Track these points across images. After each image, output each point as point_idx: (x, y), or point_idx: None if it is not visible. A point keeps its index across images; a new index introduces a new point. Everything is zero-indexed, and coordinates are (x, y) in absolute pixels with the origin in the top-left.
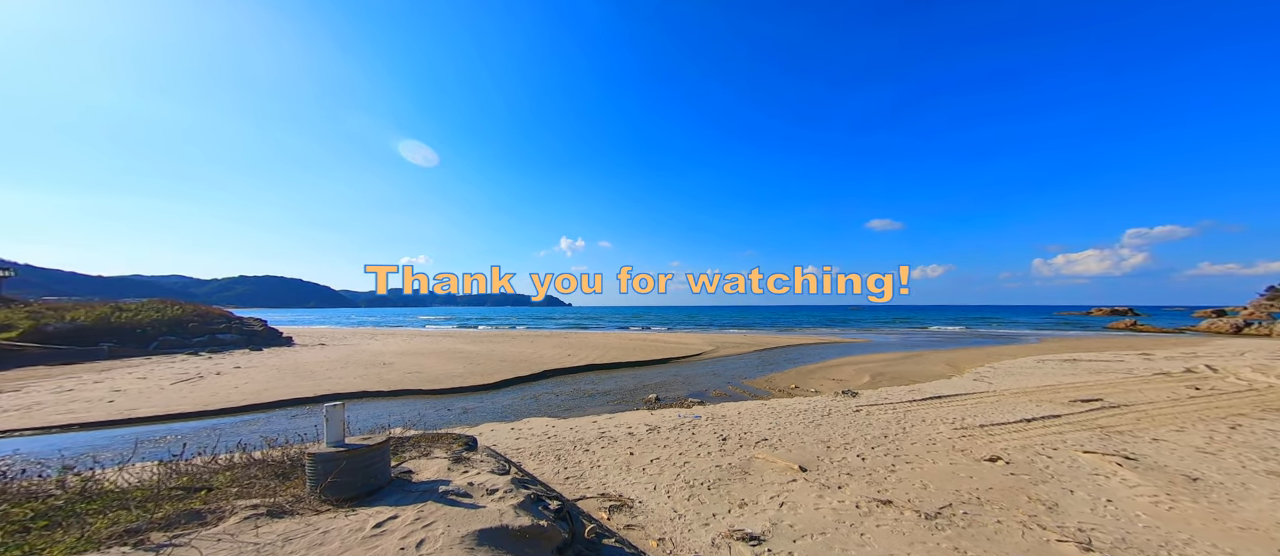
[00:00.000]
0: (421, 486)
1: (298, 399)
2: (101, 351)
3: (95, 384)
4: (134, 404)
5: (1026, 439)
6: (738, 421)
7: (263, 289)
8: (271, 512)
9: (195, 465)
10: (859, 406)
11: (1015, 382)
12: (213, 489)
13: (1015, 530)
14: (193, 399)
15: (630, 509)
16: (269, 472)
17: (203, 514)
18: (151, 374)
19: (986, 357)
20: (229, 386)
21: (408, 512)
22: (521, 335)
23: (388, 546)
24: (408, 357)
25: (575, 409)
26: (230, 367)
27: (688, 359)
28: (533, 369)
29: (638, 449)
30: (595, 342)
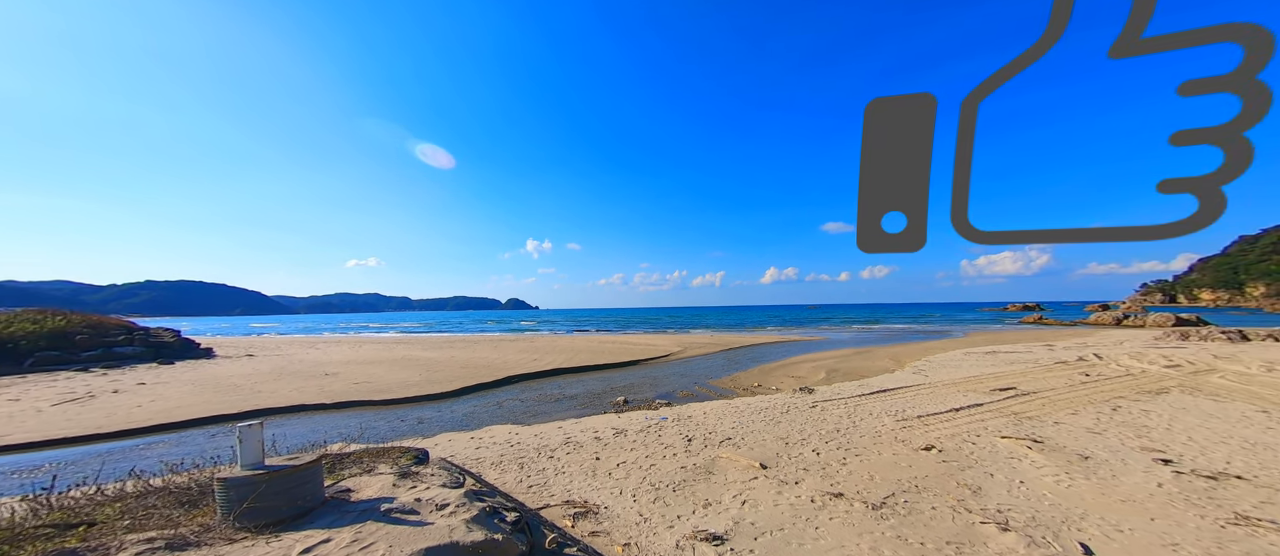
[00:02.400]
0: (360, 506)
1: (218, 416)
2: None
3: None
4: (2, 429)
5: (955, 427)
6: (703, 421)
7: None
8: (171, 546)
9: (72, 498)
10: (815, 402)
11: (947, 374)
12: (95, 524)
13: (947, 515)
14: (81, 422)
15: (595, 515)
16: (171, 502)
17: (80, 552)
18: (25, 394)
19: (924, 352)
20: (129, 405)
21: (343, 535)
22: (486, 339)
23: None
24: (355, 367)
25: (541, 415)
26: (132, 384)
27: (656, 360)
28: (496, 375)
29: (604, 453)
30: (563, 346)
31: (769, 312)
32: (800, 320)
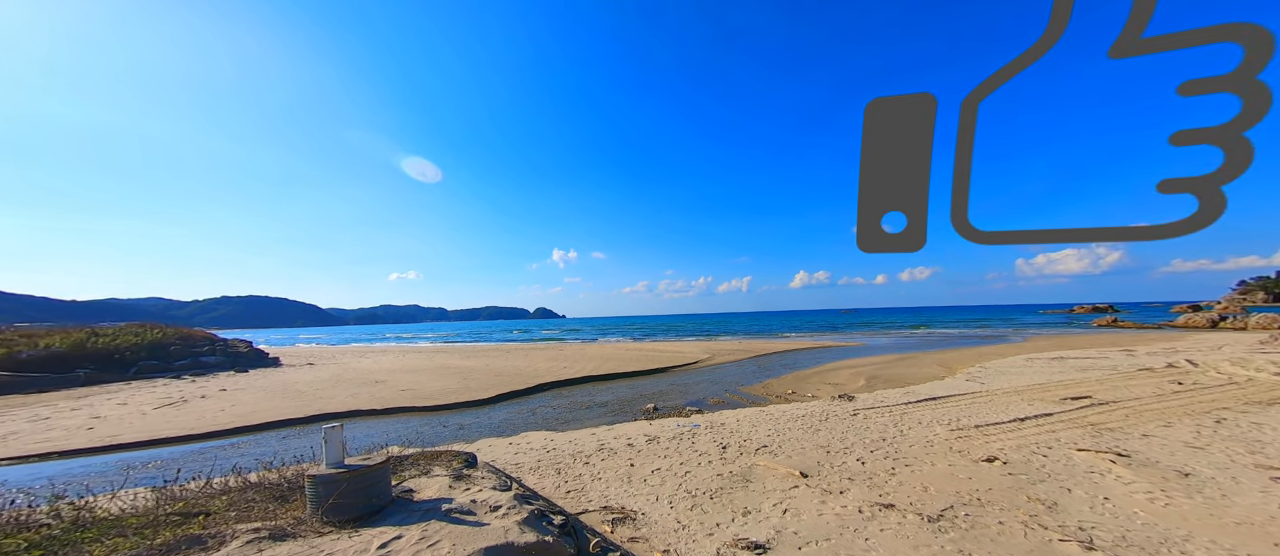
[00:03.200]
0: (424, 505)
1: (288, 420)
2: (77, 378)
3: (72, 411)
4: (116, 430)
5: (1021, 438)
6: (737, 429)
7: (247, 309)
8: (273, 536)
9: (190, 490)
10: (856, 410)
11: (1007, 382)
12: (210, 513)
13: (1017, 530)
14: (178, 423)
15: (633, 521)
16: (267, 496)
17: (203, 539)
18: (132, 399)
19: (978, 358)
20: (216, 409)
21: (412, 532)
22: (515, 348)
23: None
24: (401, 375)
25: (573, 421)
26: (216, 390)
27: (684, 368)
28: (528, 382)
29: (638, 460)
30: (591, 354)
31: (800, 318)
32: (834, 325)
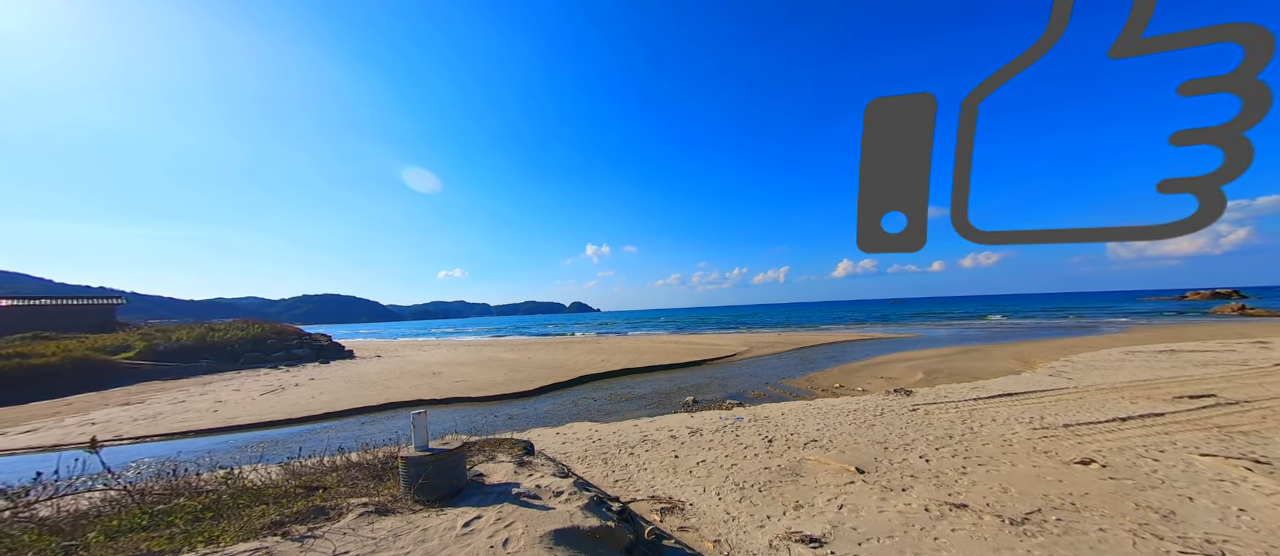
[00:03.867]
0: (495, 488)
1: (365, 407)
2: (201, 367)
3: (201, 395)
4: (234, 413)
5: (1124, 440)
6: (782, 422)
7: (322, 306)
8: (379, 510)
9: (308, 466)
10: (915, 405)
11: (1101, 378)
12: (326, 488)
13: (1124, 540)
14: (279, 408)
15: (682, 511)
16: (366, 474)
17: (327, 510)
18: (243, 386)
19: (1062, 350)
20: (307, 397)
21: (489, 513)
22: (555, 342)
23: (479, 544)
24: (454, 367)
25: (614, 413)
26: (305, 379)
27: (721, 360)
28: (569, 375)
29: (682, 451)
30: (627, 347)
31: (844, 309)
32: (883, 316)
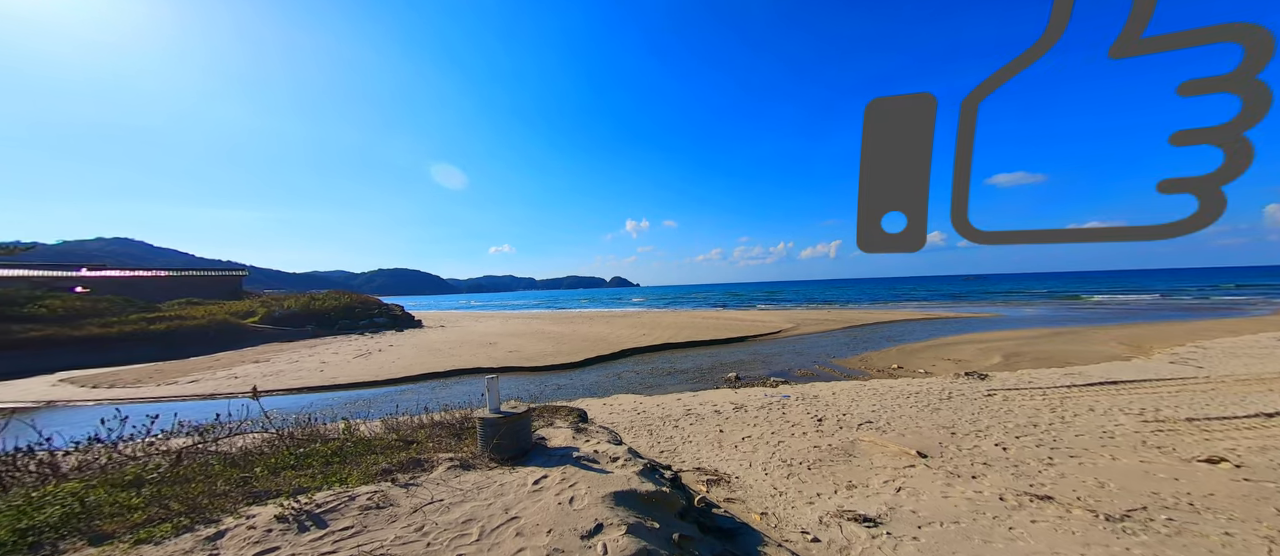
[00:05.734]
0: (557, 451)
1: (435, 372)
2: (307, 331)
3: (309, 356)
4: (335, 373)
5: (1268, 438)
6: (833, 402)
7: (394, 279)
8: (462, 465)
9: (402, 423)
10: (991, 390)
11: (1243, 367)
12: (418, 442)
13: (1257, 546)
14: (369, 370)
15: (728, 483)
16: (448, 432)
17: (422, 462)
18: (340, 350)
19: (1190, 334)
20: (389, 362)
21: (554, 473)
22: (597, 315)
23: (548, 500)
24: (507, 338)
25: (657, 386)
26: (386, 346)
27: (765, 337)
28: (612, 348)
29: (726, 426)
30: (668, 322)
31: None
32: (955, 294)
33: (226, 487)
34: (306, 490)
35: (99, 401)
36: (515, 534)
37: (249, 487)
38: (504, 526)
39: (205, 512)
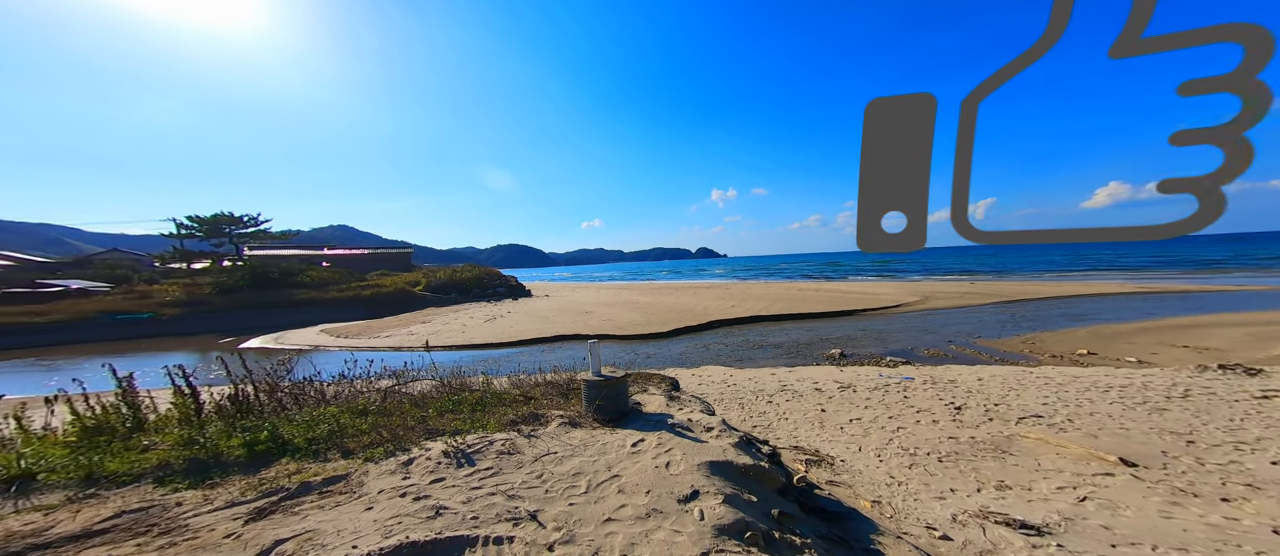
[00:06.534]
0: (652, 417)
1: (543, 337)
2: (452, 299)
3: (455, 319)
4: (472, 335)
5: None
6: (979, 389)
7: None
8: (571, 423)
9: (523, 381)
10: (1267, 391)
11: None
12: (535, 399)
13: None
14: (495, 333)
15: (831, 465)
16: (557, 391)
17: (539, 416)
18: (475, 315)
19: None
20: (509, 326)
21: (651, 438)
22: (683, 287)
23: (645, 463)
24: (600, 307)
25: (747, 360)
26: (506, 313)
27: (878, 311)
28: (700, 319)
29: (830, 406)
30: (758, 294)
31: (1111, 251)
32: (1183, 261)
33: (413, 423)
34: (461, 432)
35: (340, 348)
36: (617, 491)
37: (425, 425)
38: (607, 482)
39: (401, 441)
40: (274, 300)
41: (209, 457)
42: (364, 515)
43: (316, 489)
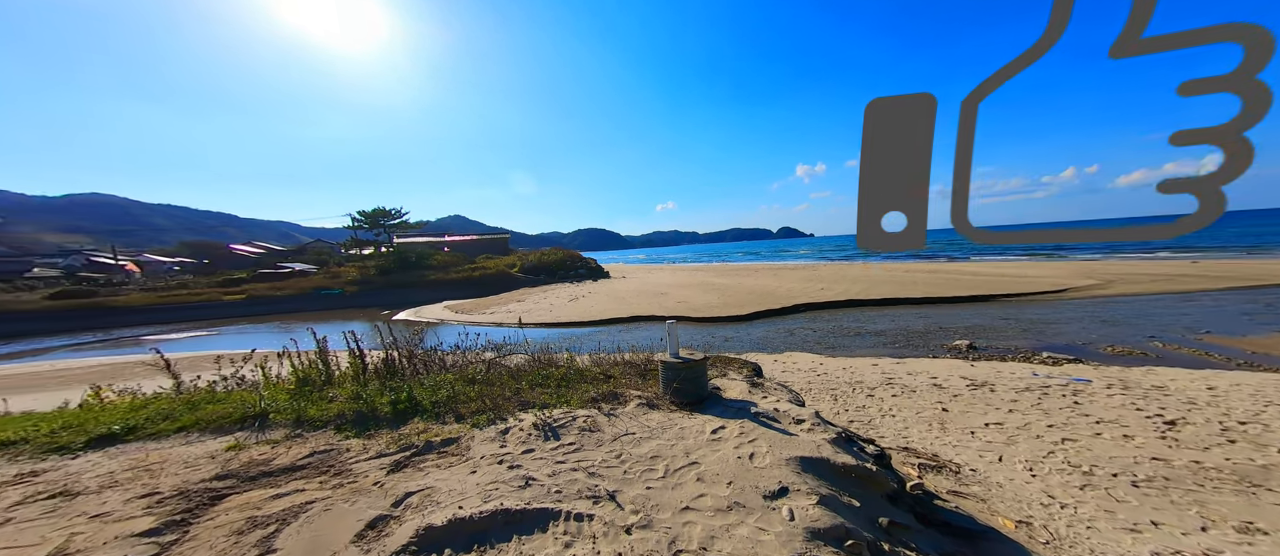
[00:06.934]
0: (733, 403)
1: (620, 317)
2: (541, 279)
3: (543, 299)
4: (557, 314)
5: None
6: (1210, 401)
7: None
8: (649, 404)
9: (603, 359)
10: None
11: None
12: (614, 378)
13: None
14: (577, 313)
15: (955, 473)
16: (635, 371)
17: (618, 395)
18: (560, 295)
19: None
20: (589, 306)
21: (732, 425)
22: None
23: (726, 452)
24: (676, 289)
25: (841, 347)
26: (587, 293)
27: (1030, 297)
28: (782, 303)
29: (954, 406)
30: (854, 275)
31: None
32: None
33: (509, 394)
34: (548, 405)
35: (457, 321)
36: (696, 478)
37: (519, 397)
38: (685, 469)
39: (499, 411)
40: (413, 280)
41: (368, 411)
42: (469, 478)
43: (436, 449)
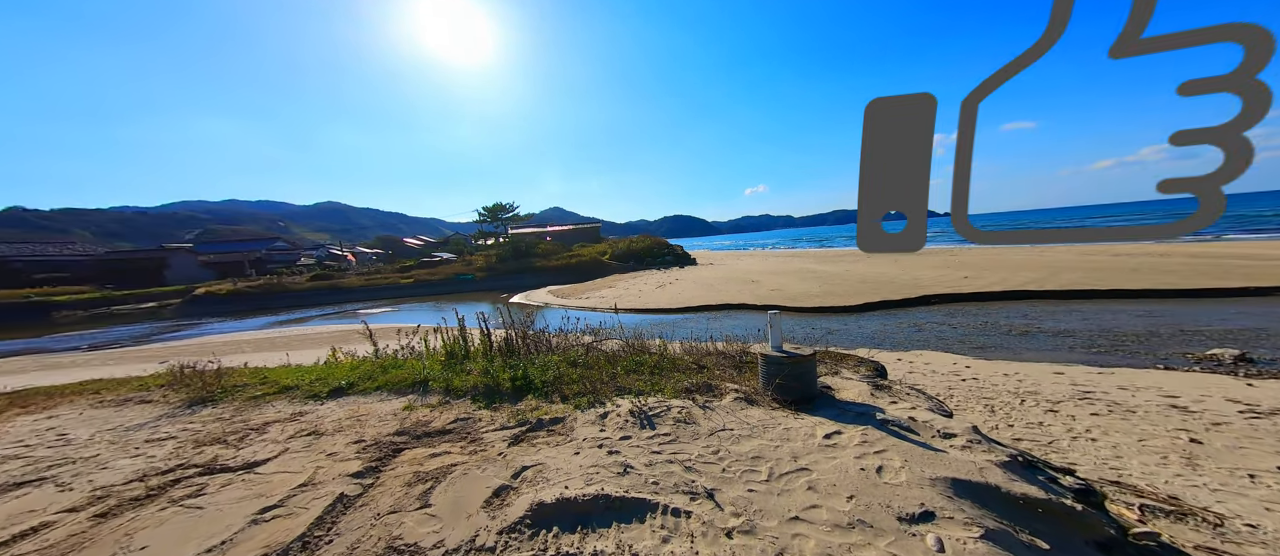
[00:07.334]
0: (851, 406)
1: (709, 304)
2: (630, 266)
3: (632, 285)
4: (646, 301)
5: None
6: None
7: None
8: (747, 399)
9: (695, 348)
10: None
11: None
12: (707, 368)
13: None
14: (666, 299)
15: (1215, 527)
16: (729, 363)
17: (712, 387)
18: (649, 282)
19: None
20: (677, 293)
21: (850, 432)
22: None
23: (846, 462)
24: (769, 276)
25: (995, 347)
26: (674, 280)
27: None
28: (905, 293)
29: (1214, 437)
30: (1015, 261)
31: None
32: None
33: (606, 379)
34: (643, 393)
35: (559, 305)
36: (806, 487)
37: (615, 382)
38: (793, 475)
39: (598, 395)
40: (524, 267)
41: (494, 386)
42: (573, 459)
43: (546, 426)
